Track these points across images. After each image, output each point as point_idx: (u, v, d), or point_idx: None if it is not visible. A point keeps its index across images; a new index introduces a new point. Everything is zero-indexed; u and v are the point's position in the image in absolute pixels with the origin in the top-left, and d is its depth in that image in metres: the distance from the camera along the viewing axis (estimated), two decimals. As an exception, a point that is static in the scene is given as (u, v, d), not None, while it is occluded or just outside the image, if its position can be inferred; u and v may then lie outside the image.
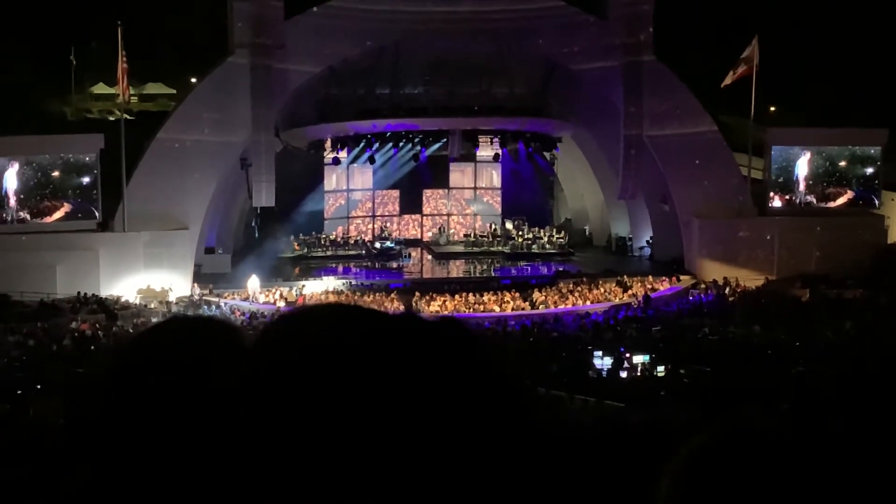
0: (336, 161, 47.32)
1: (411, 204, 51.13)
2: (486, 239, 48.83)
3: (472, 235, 49.45)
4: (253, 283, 39.32)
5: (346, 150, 46.35)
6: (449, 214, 51.76)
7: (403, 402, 1.08)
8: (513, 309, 38.64)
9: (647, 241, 47.68)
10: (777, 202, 45.00)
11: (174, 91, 61.22)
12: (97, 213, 40.16)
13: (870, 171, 45.21)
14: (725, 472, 1.69)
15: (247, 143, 41.50)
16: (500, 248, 47.92)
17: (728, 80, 42.76)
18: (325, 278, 41.96)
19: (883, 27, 52.03)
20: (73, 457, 1.51)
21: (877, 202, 45.16)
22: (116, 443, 1.49)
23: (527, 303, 39.55)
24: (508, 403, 1.15)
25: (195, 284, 39.77)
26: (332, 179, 49.70)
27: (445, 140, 46.48)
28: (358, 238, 48.53)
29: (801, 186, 45.09)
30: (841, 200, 45.17)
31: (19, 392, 21.08)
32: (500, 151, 47.94)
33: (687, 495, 1.17)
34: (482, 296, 39.74)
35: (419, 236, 51.16)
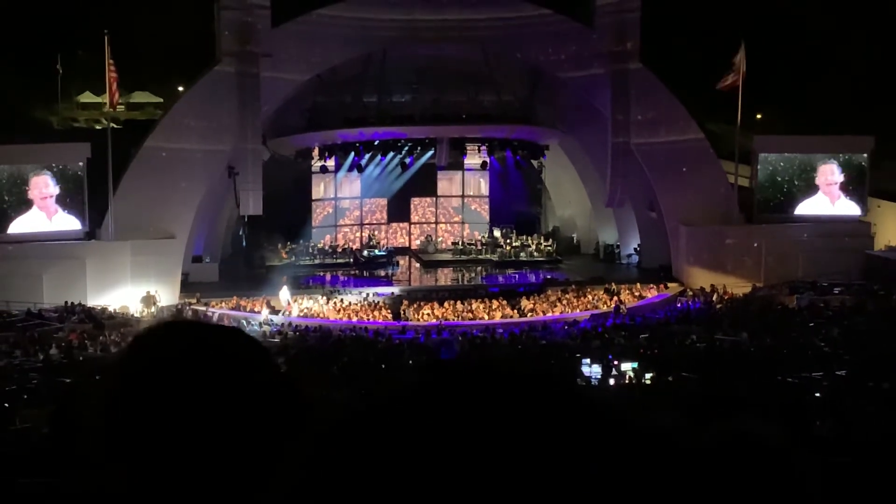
0: (324, 169, 47.27)
1: (399, 212, 51.09)
2: (473, 247, 48.83)
3: (461, 243, 49.44)
4: (284, 294, 39.04)
5: (333, 158, 46.33)
6: (437, 222, 51.74)
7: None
8: (501, 317, 38.67)
9: (635, 249, 47.74)
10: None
11: (161, 100, 61.18)
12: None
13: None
14: (722, 479, 1.69)
15: (234, 152, 41.43)
16: (488, 255, 47.93)
17: (723, 84, 42.71)
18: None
19: (869, 34, 52.30)
20: (69, 463, 1.51)
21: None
22: (123, 448, 1.48)
23: (515, 310, 39.58)
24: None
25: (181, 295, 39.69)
26: (319, 188, 49.66)
27: (433, 151, 46.51)
28: (346, 246, 48.50)
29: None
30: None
31: (6, 402, 20.99)
32: (487, 159, 47.99)
33: (682, 501, 1.19)
34: (470, 304, 39.76)
35: (407, 244, 51.12)
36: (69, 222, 39.84)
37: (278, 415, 1.53)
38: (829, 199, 45.03)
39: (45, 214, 39.54)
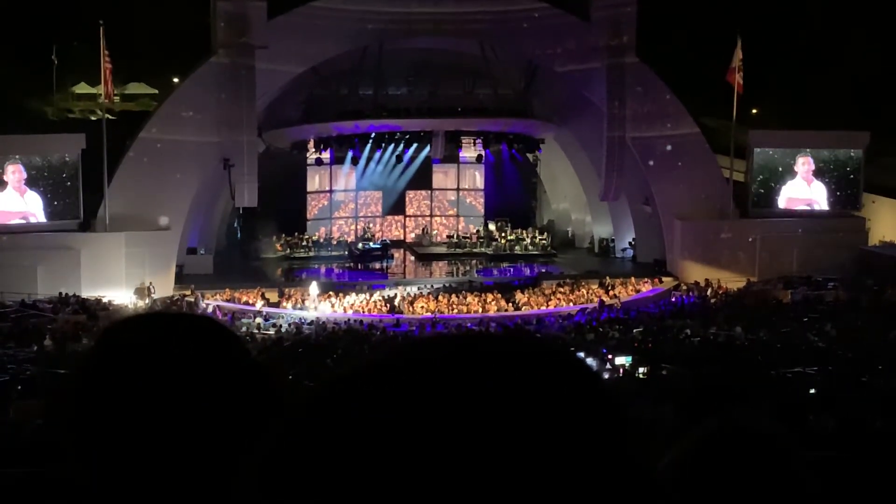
0: (319, 162, 47.18)
1: (394, 205, 51.02)
2: (469, 240, 48.82)
3: (456, 237, 49.42)
4: (313, 289, 38.96)
5: (328, 151, 46.27)
6: (432, 215, 51.69)
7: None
8: (496, 310, 38.67)
9: (630, 243, 47.73)
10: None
11: (156, 91, 61.09)
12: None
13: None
14: (721, 471, 1.69)
15: (229, 144, 41.34)
16: (482, 249, 47.92)
17: (736, 83, 42.46)
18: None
19: (868, 30, 52.31)
20: (53, 454, 1.50)
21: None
22: (93, 438, 1.47)
23: (509, 304, 39.59)
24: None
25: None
26: (314, 180, 49.58)
27: (429, 146, 46.50)
28: (341, 239, 48.44)
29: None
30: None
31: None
32: (483, 153, 47.93)
33: (683, 492, 1.15)
34: (465, 297, 39.75)
35: (402, 237, 51.07)
36: (35, 199, 39.99)
37: (248, 403, 1.53)
38: (805, 183, 45.33)
39: (18, 193, 39.93)
